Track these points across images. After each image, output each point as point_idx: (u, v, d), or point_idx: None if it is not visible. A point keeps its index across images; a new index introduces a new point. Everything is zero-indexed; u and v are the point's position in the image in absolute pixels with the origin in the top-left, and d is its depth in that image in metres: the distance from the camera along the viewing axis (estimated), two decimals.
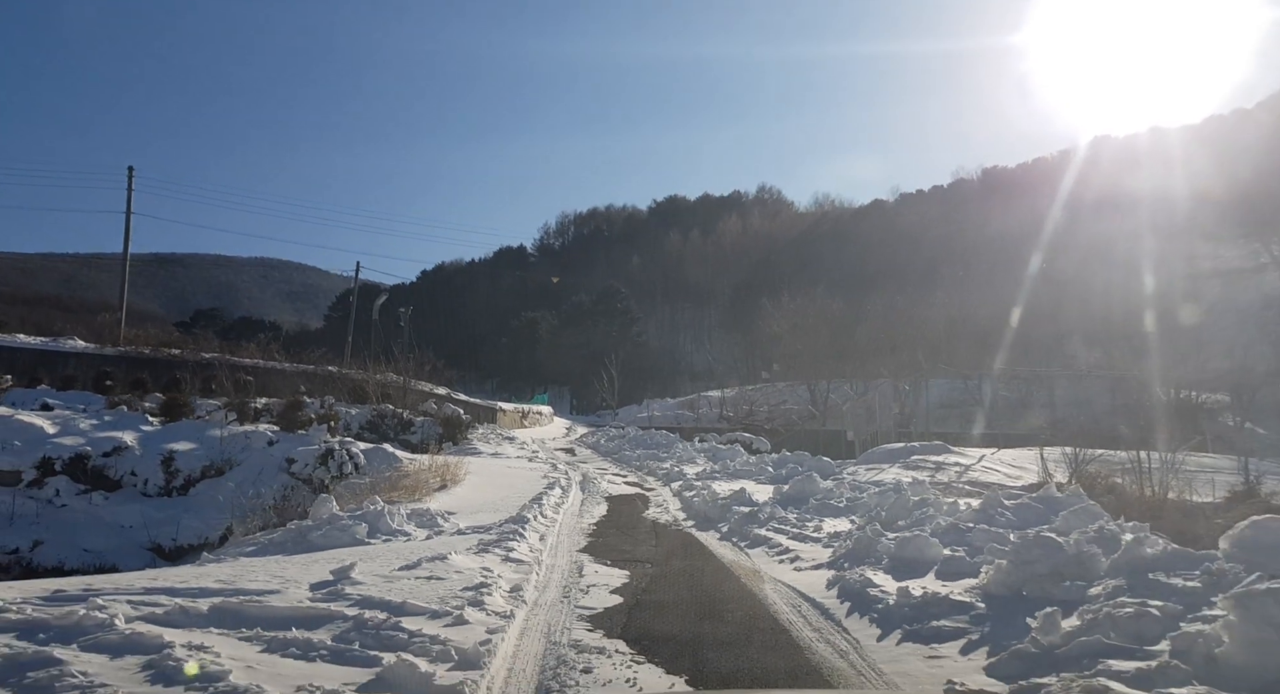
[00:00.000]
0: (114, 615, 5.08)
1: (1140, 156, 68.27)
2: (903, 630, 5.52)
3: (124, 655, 4.50)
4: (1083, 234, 57.72)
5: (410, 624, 5.31)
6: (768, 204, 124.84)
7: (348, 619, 5.43)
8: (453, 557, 7.71)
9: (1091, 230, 58.38)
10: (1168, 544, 5.83)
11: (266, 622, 5.35)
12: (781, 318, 47.54)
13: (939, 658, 4.98)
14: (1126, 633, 4.50)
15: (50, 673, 4.12)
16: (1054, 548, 5.77)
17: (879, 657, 5.17)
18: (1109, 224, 60.31)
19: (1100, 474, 16.46)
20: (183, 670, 4.24)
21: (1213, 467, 19.49)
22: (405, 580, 6.69)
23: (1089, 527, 6.64)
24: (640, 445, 28.28)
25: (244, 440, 17.54)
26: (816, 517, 11.04)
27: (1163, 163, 61.63)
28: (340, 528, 10.05)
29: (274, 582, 6.61)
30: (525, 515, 11.25)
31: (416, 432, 26.50)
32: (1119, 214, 60.49)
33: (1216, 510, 14.95)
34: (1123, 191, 64.65)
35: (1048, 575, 5.59)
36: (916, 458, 19.29)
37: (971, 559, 6.77)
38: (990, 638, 5.08)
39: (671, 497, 15.80)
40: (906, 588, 6.14)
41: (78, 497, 15.42)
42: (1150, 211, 57.40)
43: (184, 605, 5.57)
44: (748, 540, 10.09)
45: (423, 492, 14.67)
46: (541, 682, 4.65)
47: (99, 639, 4.72)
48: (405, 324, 33.68)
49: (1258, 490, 16.15)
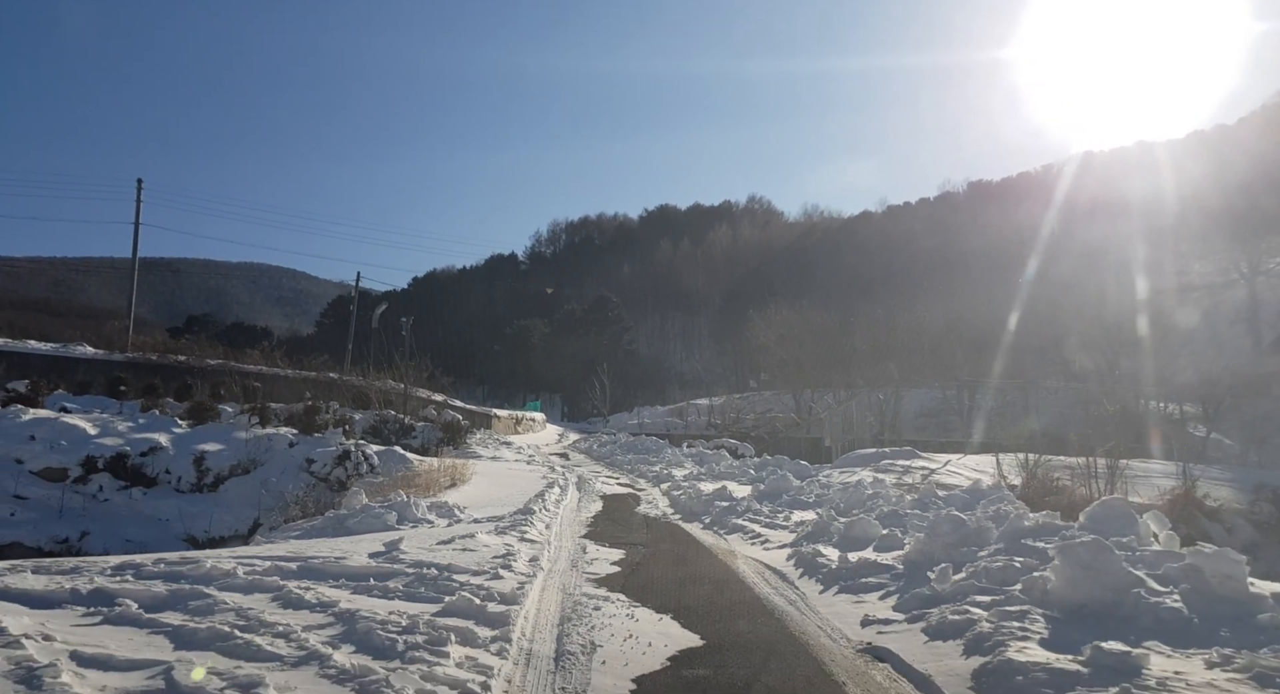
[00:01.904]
0: (232, 568, 6.63)
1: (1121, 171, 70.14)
2: (839, 586, 7.13)
3: (253, 593, 6.06)
4: (1064, 247, 59.61)
5: (459, 578, 6.88)
6: (758, 214, 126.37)
7: (409, 574, 6.99)
8: (479, 535, 9.28)
9: (1072, 244, 60.29)
10: (1040, 518, 7.43)
11: (346, 576, 6.90)
12: (768, 329, 49.19)
13: (862, 602, 6.59)
14: (995, 579, 6.11)
15: (206, 602, 5.66)
16: (959, 523, 7.39)
17: (818, 603, 6.77)
18: (1090, 238, 62.17)
19: (1050, 477, 18.11)
20: (305, 599, 5.81)
21: (1161, 471, 21.17)
22: (445, 551, 8.25)
23: (990, 509, 8.27)
24: (631, 451, 29.88)
25: (267, 442, 19.00)
26: (787, 509, 12.63)
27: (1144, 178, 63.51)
28: (374, 516, 11.58)
29: (336, 552, 8.15)
30: (532, 508, 12.78)
31: (417, 436, 27.89)
32: (1099, 228, 62.34)
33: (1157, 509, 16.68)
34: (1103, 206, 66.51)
35: (954, 544, 7.19)
36: (886, 462, 20.89)
37: (902, 536, 8.38)
38: (902, 589, 6.67)
39: (661, 496, 17.36)
40: (847, 557, 7.75)
41: (119, 492, 16.88)
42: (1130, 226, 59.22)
43: (278, 564, 7.12)
44: (726, 529, 11.66)
45: (435, 489, 16.21)
46: (564, 614, 6.24)
47: (229, 582, 6.28)
48: (407, 334, 35.12)
49: (1192, 492, 17.86)
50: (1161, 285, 52.31)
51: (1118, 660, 4.18)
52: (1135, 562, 5.85)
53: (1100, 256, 58.75)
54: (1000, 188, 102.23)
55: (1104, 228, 60.52)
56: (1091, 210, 65.21)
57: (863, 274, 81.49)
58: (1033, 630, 4.93)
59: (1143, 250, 54.95)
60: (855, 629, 5.88)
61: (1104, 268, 56.93)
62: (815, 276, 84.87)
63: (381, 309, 44.62)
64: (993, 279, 68.49)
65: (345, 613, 5.50)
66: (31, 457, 16.83)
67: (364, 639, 4.91)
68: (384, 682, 4.17)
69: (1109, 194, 65.65)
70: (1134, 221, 57.87)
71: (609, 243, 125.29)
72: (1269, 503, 17.88)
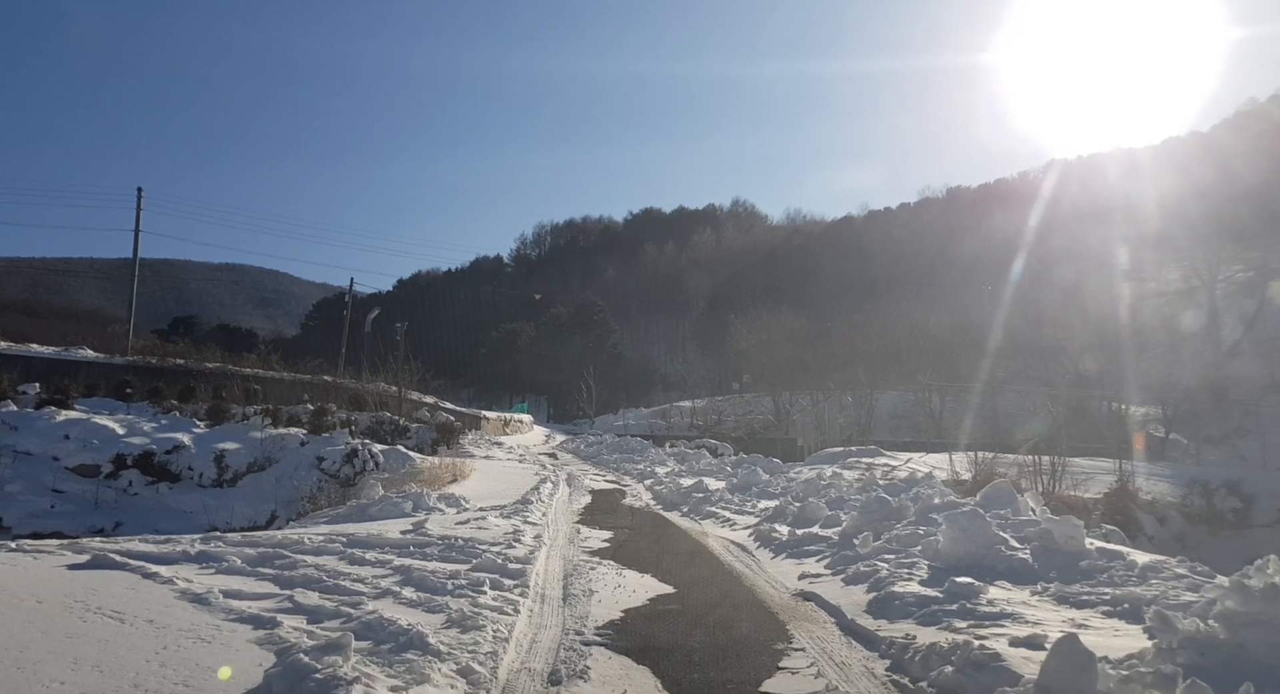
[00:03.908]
0: (299, 538, 8.28)
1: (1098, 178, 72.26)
2: (787, 553, 8.85)
3: (322, 555, 7.72)
4: (1038, 254, 61.61)
5: (480, 547, 8.54)
6: (741, 218, 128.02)
7: (439, 544, 8.65)
8: (489, 519, 10.95)
9: (1046, 250, 62.35)
10: (948, 498, 9.16)
11: (389, 545, 8.55)
12: (748, 334, 50.99)
13: (802, 563, 8.31)
14: (903, 543, 7.85)
15: (289, 560, 7.29)
16: (884, 503, 9.13)
17: (768, 565, 8.49)
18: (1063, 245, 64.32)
19: (996, 472, 19.94)
20: (365, 558, 7.47)
21: (1109, 469, 23.07)
22: (464, 529, 9.91)
23: (912, 492, 10.03)
24: (617, 451, 31.56)
25: (279, 441, 20.54)
26: (755, 499, 14.36)
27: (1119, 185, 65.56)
28: (392, 504, 13.19)
29: (372, 530, 9.78)
30: (529, 500, 14.43)
31: (412, 437, 29.40)
32: (1073, 235, 64.48)
33: (1096, 503, 18.62)
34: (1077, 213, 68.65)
35: (879, 519, 8.92)
36: (852, 459, 22.69)
37: (843, 516, 10.10)
38: (834, 554, 8.38)
39: (644, 490, 19.03)
40: (796, 532, 9.47)
41: (146, 487, 18.39)
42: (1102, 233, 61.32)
43: (330, 537, 8.76)
44: (701, 515, 13.37)
45: (439, 484, 17.82)
46: (566, 572, 7.93)
47: (299, 548, 7.91)
48: (402, 338, 36.66)
49: (1127, 487, 19.76)
50: (1129, 292, 54.41)
51: (964, 589, 5.90)
52: (1005, 527, 7.60)
53: (1072, 263, 60.84)
54: (978, 194, 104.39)
55: (1077, 234, 62.58)
56: (1066, 217, 67.29)
57: (843, 278, 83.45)
58: (916, 575, 6.66)
59: (1113, 257, 57.06)
60: (793, 581, 7.60)
61: (1075, 274, 59.07)
62: (797, 280, 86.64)
63: (374, 314, 46.10)
64: (969, 284, 70.67)
65: (400, 567, 7.17)
66: (66, 454, 18.33)
67: (420, 582, 6.58)
68: (444, 606, 5.84)
69: (1084, 201, 67.76)
70: (1106, 229, 59.90)
71: (594, 245, 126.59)
72: (1199, 497, 19.87)
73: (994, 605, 5.63)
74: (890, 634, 5.26)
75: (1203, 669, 3.60)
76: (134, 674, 4.07)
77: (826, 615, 6.29)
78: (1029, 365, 51.08)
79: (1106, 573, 6.35)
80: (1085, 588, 6.03)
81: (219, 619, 5.16)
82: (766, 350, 48.41)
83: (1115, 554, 6.81)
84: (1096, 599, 5.68)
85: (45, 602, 5.31)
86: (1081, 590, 5.96)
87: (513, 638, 5.30)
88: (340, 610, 5.48)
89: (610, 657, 5.14)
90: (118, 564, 6.50)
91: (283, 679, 3.65)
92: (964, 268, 74.74)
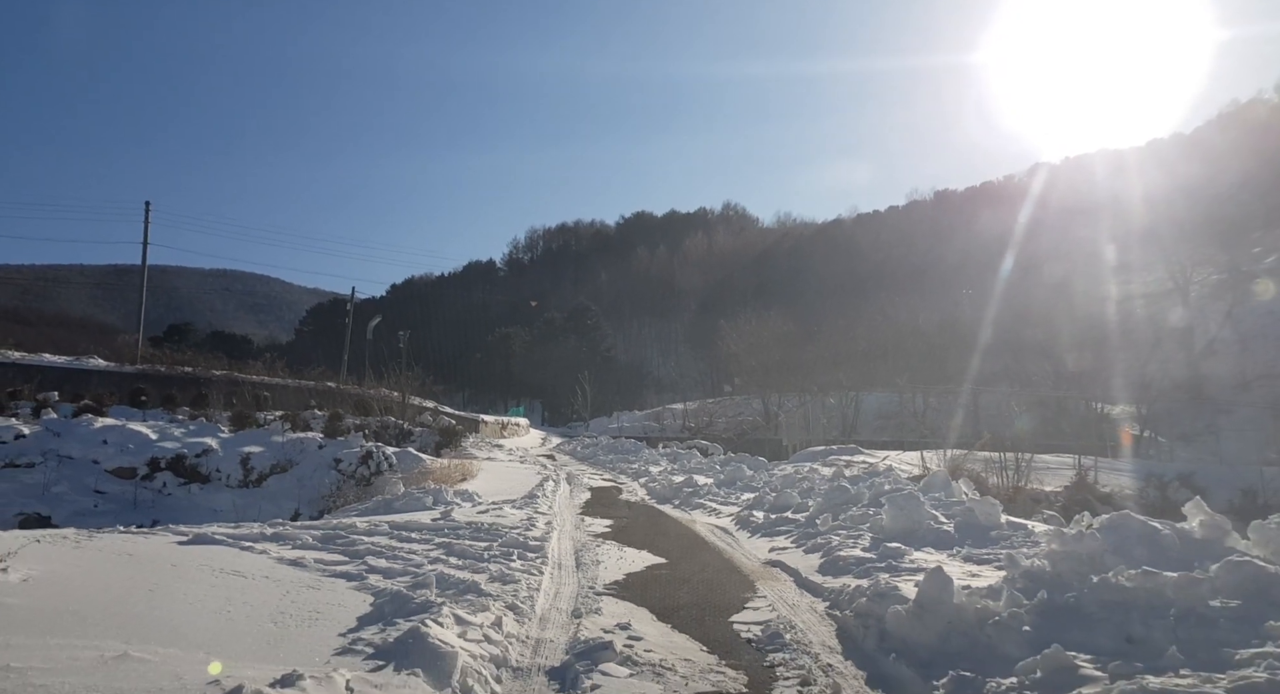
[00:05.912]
0: (351, 522, 9.85)
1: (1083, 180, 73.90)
2: (761, 533, 10.47)
3: (374, 535, 9.28)
4: (1022, 256, 63.35)
5: (503, 529, 10.13)
6: (732, 221, 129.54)
7: (467, 529, 10.22)
8: (505, 509, 12.53)
9: (1030, 252, 64.14)
10: (895, 485, 10.78)
11: (426, 529, 10.12)
12: (738, 338, 52.63)
13: (773, 540, 9.93)
14: (855, 522, 9.47)
15: (348, 540, 8.85)
16: (844, 491, 10.76)
17: (745, 543, 10.12)
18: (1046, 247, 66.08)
19: (970, 468, 21.58)
20: (411, 537, 9.05)
21: (1072, 464, 24.73)
22: (485, 517, 11.49)
23: (871, 480, 11.67)
24: (612, 452, 33.18)
25: (300, 445, 22.08)
26: (739, 492, 15.98)
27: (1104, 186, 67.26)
28: (414, 499, 14.75)
29: (404, 518, 11.34)
30: (535, 495, 16.01)
31: (415, 440, 30.88)
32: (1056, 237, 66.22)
33: (1057, 495, 20.30)
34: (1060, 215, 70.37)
35: (840, 504, 10.55)
36: (833, 457, 24.33)
37: (812, 502, 11.73)
38: (800, 532, 9.99)
39: (639, 487, 20.63)
40: (771, 517, 11.09)
41: (179, 487, 19.92)
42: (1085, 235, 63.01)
43: (374, 523, 10.32)
44: (691, 507, 14.98)
45: (451, 482, 19.37)
46: (576, 548, 9.54)
47: (353, 531, 9.48)
48: (404, 346, 38.19)
49: (1085, 480, 21.45)
50: (1110, 293, 56.18)
51: (893, 552, 7.53)
52: (936, 506, 9.23)
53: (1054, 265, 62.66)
54: (965, 197, 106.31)
55: (1060, 236, 64.38)
56: (1049, 219, 69.10)
57: (833, 279, 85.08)
58: (860, 544, 8.29)
59: (1094, 259, 58.88)
60: (764, 553, 9.21)
61: (1057, 276, 60.86)
62: (788, 282, 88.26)
63: (376, 322, 47.60)
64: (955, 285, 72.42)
65: (442, 543, 8.77)
66: (105, 457, 19.84)
67: (462, 553, 8.17)
68: (485, 568, 7.44)
69: (1067, 203, 69.58)
70: (1090, 230, 61.65)
71: (586, 249, 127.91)
72: (1154, 489, 21.60)
73: (914, 563, 7.24)
74: (831, 585, 6.88)
75: (1031, 592, 5.20)
76: (274, 608, 5.66)
77: (787, 575, 7.90)
78: (1010, 366, 52.78)
79: (1009, 540, 7.97)
80: (989, 551, 7.65)
81: (318, 576, 6.74)
82: (755, 353, 50.06)
83: (1020, 526, 8.45)
84: (993, 558, 7.30)
85: (178, 565, 6.88)
86: (986, 552, 7.58)
87: (541, 589, 6.91)
88: (407, 570, 7.08)
89: (617, 602, 6.76)
90: (217, 541, 8.07)
91: (391, 603, 5.24)
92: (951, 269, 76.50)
